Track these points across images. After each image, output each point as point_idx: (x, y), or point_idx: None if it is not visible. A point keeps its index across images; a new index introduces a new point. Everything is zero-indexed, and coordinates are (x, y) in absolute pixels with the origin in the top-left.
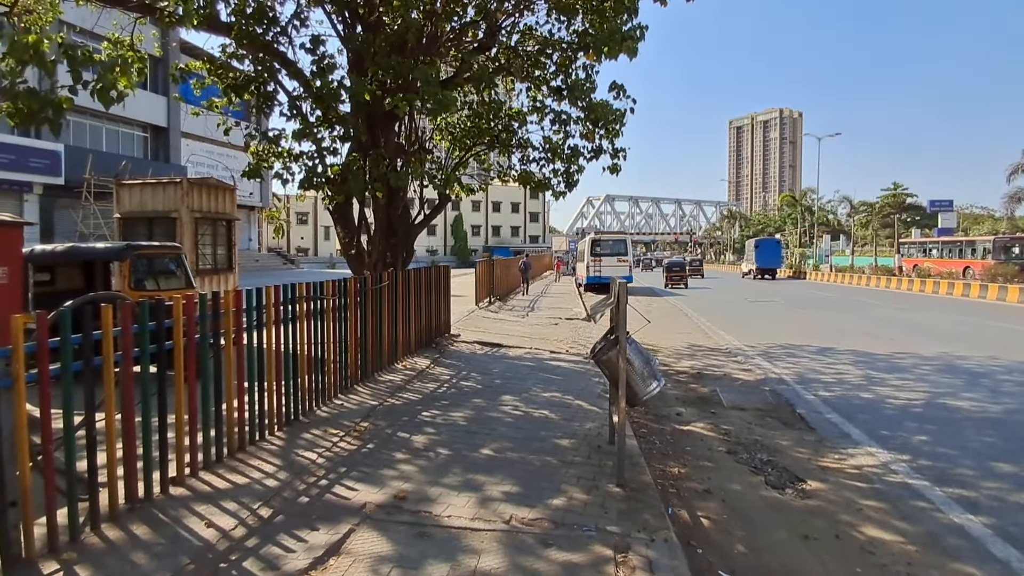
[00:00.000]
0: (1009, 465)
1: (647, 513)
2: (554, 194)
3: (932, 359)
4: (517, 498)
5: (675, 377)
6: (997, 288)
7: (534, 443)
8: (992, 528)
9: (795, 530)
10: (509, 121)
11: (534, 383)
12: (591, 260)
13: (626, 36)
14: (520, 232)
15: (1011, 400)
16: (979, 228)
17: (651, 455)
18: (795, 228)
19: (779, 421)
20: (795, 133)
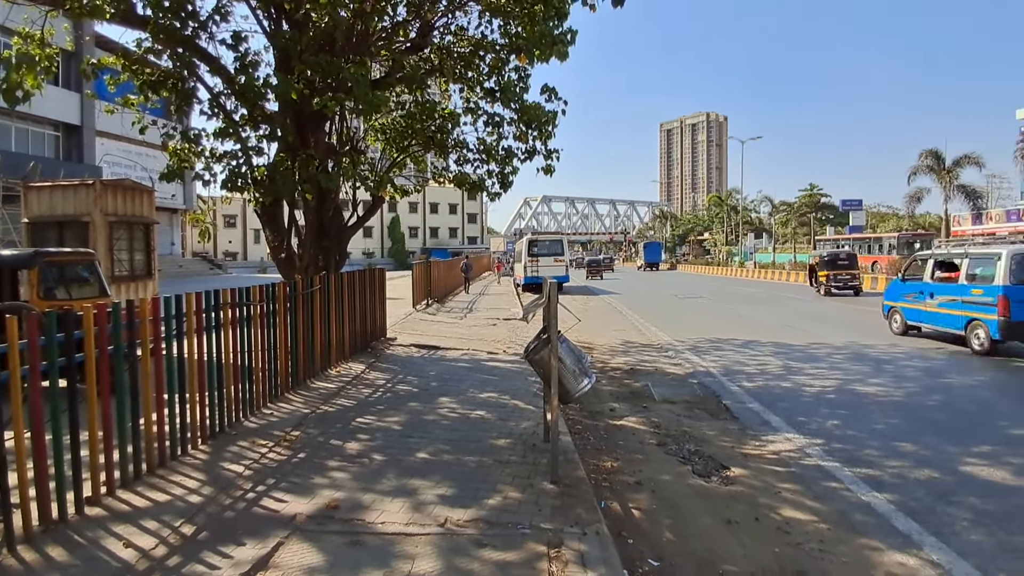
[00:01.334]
0: (910, 444)
1: (580, 508)
2: (489, 195)
3: (843, 348)
4: (452, 500)
5: (609, 373)
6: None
7: (470, 444)
8: (895, 504)
9: (719, 515)
10: (443, 122)
11: (471, 384)
12: (528, 260)
13: (557, 39)
14: (458, 233)
15: (912, 384)
16: (885, 225)
17: (585, 451)
18: (722, 227)
19: (706, 412)
20: (721, 136)
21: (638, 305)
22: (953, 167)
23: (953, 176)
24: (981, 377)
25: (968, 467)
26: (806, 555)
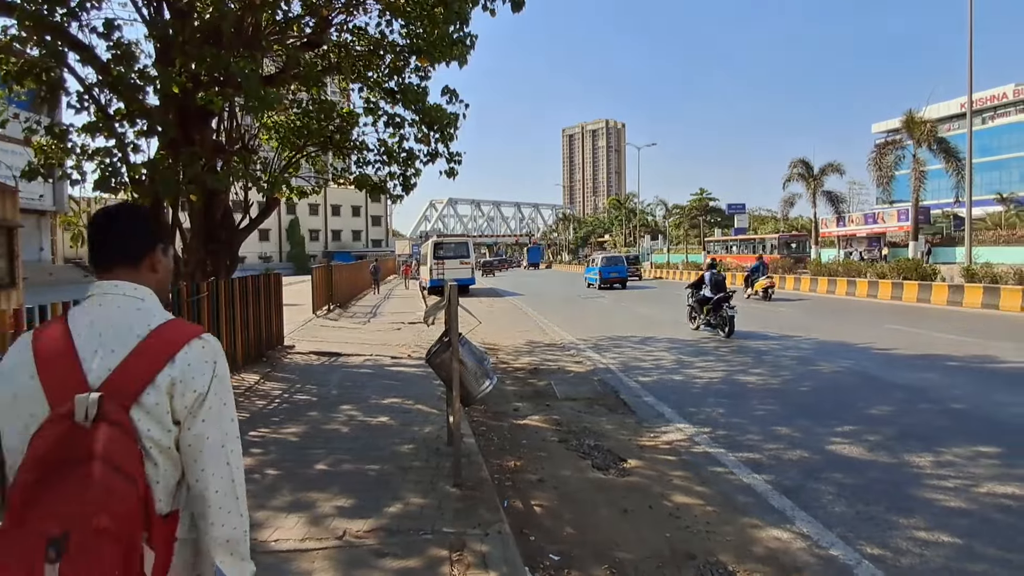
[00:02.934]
0: (785, 428)
1: (483, 508)
2: (391, 197)
3: (727, 341)
4: (352, 511)
5: (514, 374)
6: (778, 279)
7: (371, 452)
8: (772, 484)
9: (616, 506)
10: (342, 122)
11: (373, 391)
12: (434, 263)
13: (456, 42)
14: (362, 236)
15: (787, 372)
16: (764, 227)
17: (489, 451)
18: (621, 229)
19: (605, 407)
20: (619, 142)
21: (542, 306)
22: (819, 175)
23: (819, 183)
24: (845, 362)
25: (833, 446)
26: (694, 537)
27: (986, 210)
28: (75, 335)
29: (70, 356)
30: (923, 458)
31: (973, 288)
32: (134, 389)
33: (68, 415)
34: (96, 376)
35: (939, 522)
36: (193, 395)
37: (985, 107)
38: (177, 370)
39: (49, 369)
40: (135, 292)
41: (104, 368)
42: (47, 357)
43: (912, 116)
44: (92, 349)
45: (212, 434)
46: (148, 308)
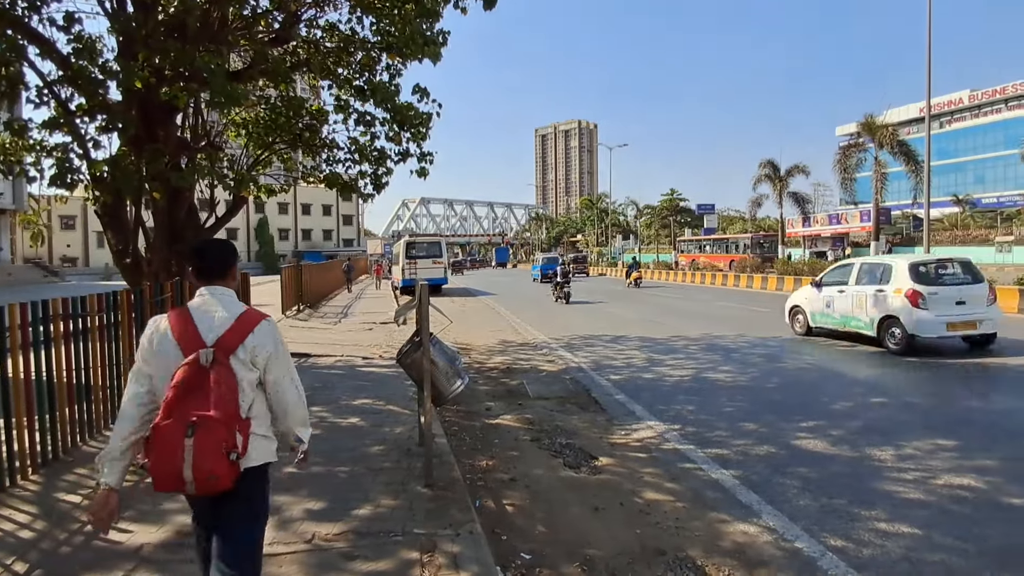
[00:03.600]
0: (752, 424)
1: (454, 509)
2: (362, 196)
3: (698, 339)
4: (321, 514)
5: (487, 373)
6: (746, 277)
7: (341, 454)
8: (739, 479)
9: (587, 504)
10: (312, 119)
11: (344, 392)
12: (406, 263)
13: (429, 40)
14: (333, 236)
15: (755, 370)
16: (733, 227)
17: (461, 451)
18: (593, 229)
19: (577, 406)
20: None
21: (515, 305)
22: (786, 176)
23: (785, 184)
24: (810, 359)
25: (798, 441)
26: (664, 533)
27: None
28: (196, 315)
29: (193, 328)
30: (884, 451)
31: None
32: (232, 347)
33: (195, 361)
34: (211, 339)
35: (899, 513)
36: (266, 353)
37: (943, 111)
38: (256, 338)
39: (182, 334)
40: (229, 294)
41: (215, 335)
42: (180, 327)
43: (871, 120)
44: (205, 322)
45: (283, 374)
46: (234, 300)
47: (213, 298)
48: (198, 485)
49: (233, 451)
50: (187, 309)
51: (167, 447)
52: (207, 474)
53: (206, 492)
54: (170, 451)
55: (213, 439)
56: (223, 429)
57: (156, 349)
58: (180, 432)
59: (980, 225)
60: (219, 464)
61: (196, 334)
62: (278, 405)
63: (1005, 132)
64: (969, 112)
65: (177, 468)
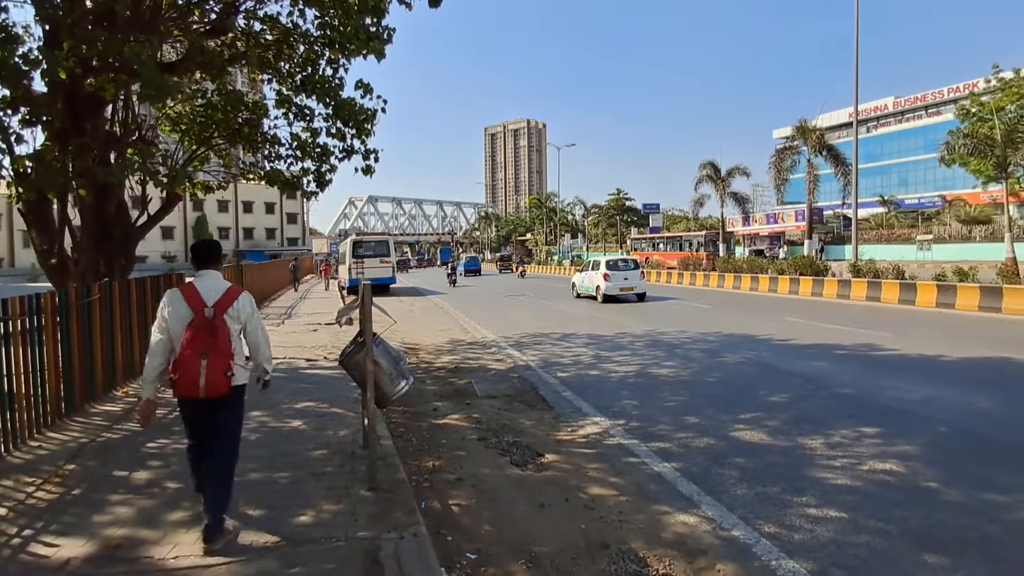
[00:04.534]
0: (693, 417)
1: (399, 511)
2: (304, 194)
3: (642, 336)
4: (260, 522)
5: (435, 373)
6: (689, 274)
7: (282, 459)
8: (680, 471)
9: (533, 501)
10: (250, 114)
11: (286, 395)
12: (353, 262)
13: (373, 36)
14: (277, 234)
15: (696, 365)
16: (677, 226)
17: (407, 452)
18: (542, 228)
19: (525, 404)
20: (541, 142)
21: (464, 305)
22: (727, 176)
23: (727, 184)
24: (749, 353)
25: (736, 432)
26: (608, 527)
27: (871, 211)
28: (199, 287)
29: (199, 295)
30: (815, 440)
31: (859, 283)
32: (225, 308)
33: (202, 315)
34: (211, 302)
35: (828, 499)
36: (246, 313)
37: (870, 117)
38: (239, 303)
39: (192, 299)
40: (219, 276)
41: (213, 300)
42: (189, 296)
43: (805, 124)
44: (206, 293)
45: (256, 326)
46: (222, 280)
47: (208, 278)
48: (208, 390)
49: (228, 371)
50: (193, 284)
51: (190, 367)
52: (214, 383)
53: (210, 395)
54: (192, 369)
55: (218, 363)
56: (223, 358)
57: (173, 309)
58: (198, 358)
59: (903, 225)
60: (221, 378)
61: (200, 299)
62: (252, 346)
63: (925, 137)
64: (894, 118)
65: (196, 380)
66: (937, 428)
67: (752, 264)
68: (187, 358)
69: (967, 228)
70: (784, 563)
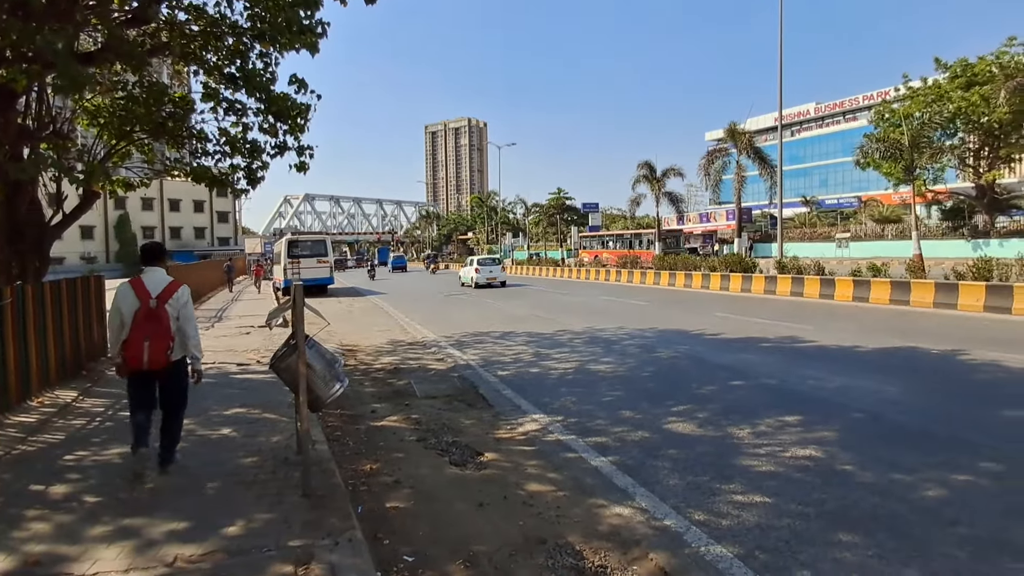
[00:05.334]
0: (630, 412)
1: (334, 517)
2: (235, 192)
3: (581, 333)
4: (186, 535)
5: (373, 374)
6: (627, 272)
7: (210, 468)
8: (616, 464)
9: (472, 500)
10: (175, 108)
11: (215, 401)
12: (288, 262)
13: (305, 29)
14: (206, 234)
15: (633, 360)
16: (615, 225)
17: (344, 456)
18: (484, 226)
19: (465, 403)
20: (482, 140)
21: (405, 304)
22: (662, 177)
23: (662, 184)
24: (682, 347)
25: (669, 425)
26: (546, 522)
27: (795, 211)
28: (145, 282)
29: (145, 288)
30: (742, 430)
31: (784, 279)
32: (167, 298)
33: (147, 305)
34: (155, 293)
35: (753, 485)
36: (181, 303)
37: (794, 121)
38: (178, 295)
39: (139, 292)
40: (163, 272)
41: (157, 292)
42: (138, 288)
43: (734, 127)
44: (151, 286)
45: (188, 316)
46: (165, 275)
47: (153, 273)
48: (150, 364)
49: (168, 350)
50: (140, 278)
51: (135, 347)
52: (155, 360)
53: (152, 368)
54: (137, 348)
55: (159, 344)
56: (164, 339)
57: (125, 299)
58: (142, 340)
59: (824, 224)
60: (161, 356)
61: (147, 291)
62: (183, 333)
63: (843, 141)
64: (815, 123)
65: (140, 356)
66: (852, 415)
67: (686, 262)
68: (133, 340)
69: (881, 227)
70: (712, 549)
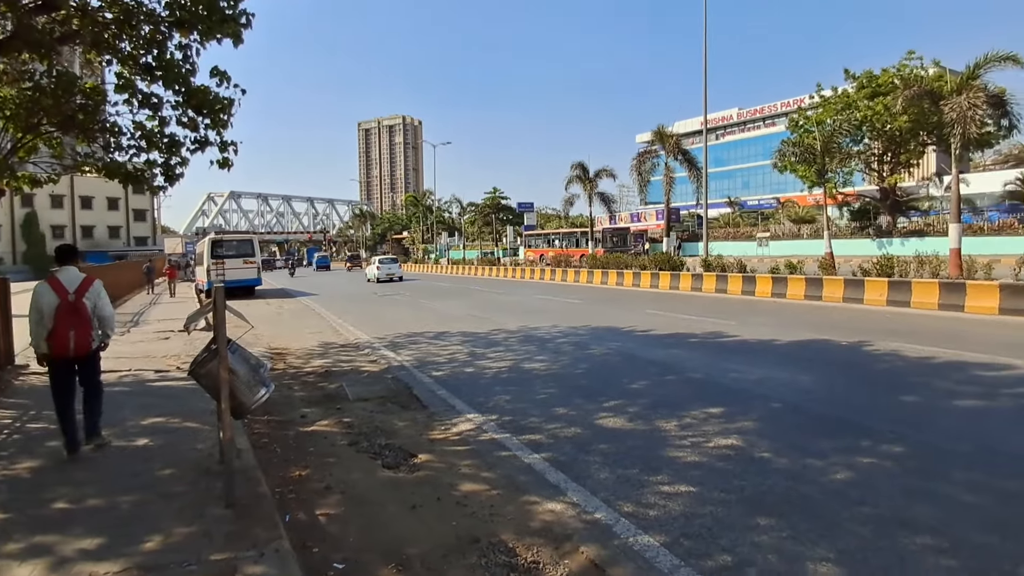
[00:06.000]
0: (563, 408)
1: (259, 527)
2: (152, 189)
3: (516, 332)
4: (100, 552)
5: (303, 378)
6: (561, 271)
7: (126, 481)
8: (549, 461)
9: (405, 503)
10: (86, 99)
11: (132, 411)
12: (212, 263)
13: (228, 18)
14: (122, 233)
15: (566, 357)
16: (550, 224)
17: (271, 464)
18: (419, 226)
19: (399, 405)
20: (416, 139)
21: (337, 306)
22: (595, 177)
23: (594, 185)
24: (614, 344)
25: (601, 420)
26: (479, 521)
27: (720, 211)
28: (61, 279)
29: (62, 285)
30: (670, 423)
31: (709, 276)
32: (83, 293)
33: (66, 300)
34: (72, 289)
35: (679, 476)
36: (98, 295)
37: (718, 126)
38: (93, 289)
39: (57, 289)
40: (76, 270)
41: (73, 288)
42: (55, 286)
43: (662, 130)
44: (67, 283)
45: (104, 305)
46: (79, 273)
47: (67, 271)
48: (76, 351)
49: (91, 338)
50: (56, 276)
51: (62, 337)
52: (80, 346)
53: (78, 354)
54: (63, 338)
55: (82, 332)
56: (86, 328)
57: (44, 297)
58: (67, 331)
59: (747, 224)
60: (85, 342)
61: (64, 288)
62: (101, 320)
63: (763, 145)
64: (738, 127)
65: (67, 344)
66: (771, 404)
67: (618, 260)
68: (59, 332)
69: (797, 227)
70: (640, 539)
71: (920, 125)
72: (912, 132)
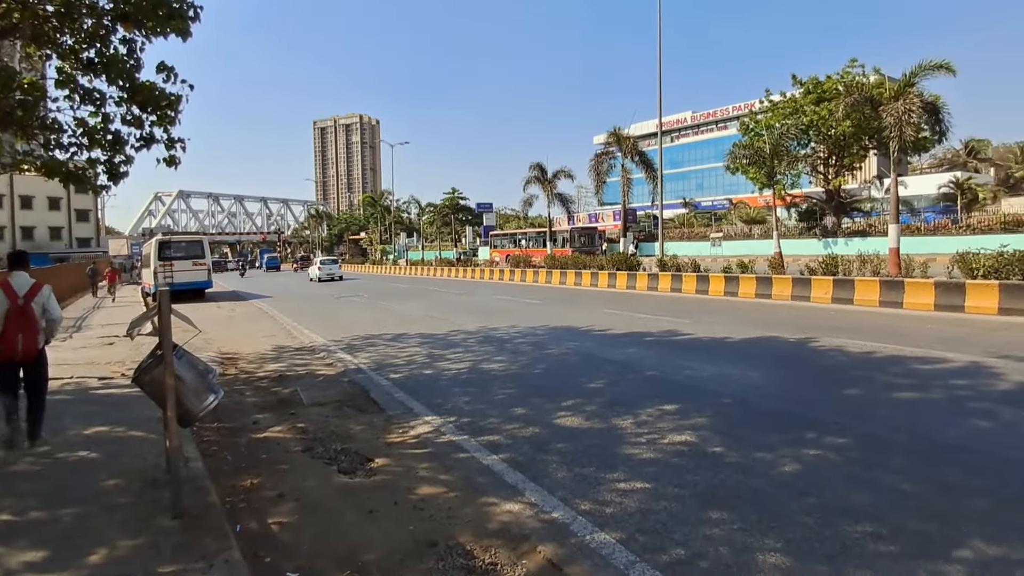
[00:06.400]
0: (521, 408)
1: (209, 538)
2: (93, 188)
3: (475, 333)
4: (42, 567)
5: (256, 383)
6: (520, 272)
7: (68, 493)
8: (507, 461)
9: (362, 508)
10: (24, 95)
11: (74, 420)
12: (160, 265)
13: (175, 13)
14: (64, 234)
15: (524, 358)
16: (509, 225)
17: (221, 473)
18: (377, 226)
19: (355, 409)
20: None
21: (291, 308)
22: (553, 178)
23: (553, 185)
24: (572, 344)
25: (559, 419)
26: (437, 524)
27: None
28: (13, 283)
29: (13, 289)
30: (626, 420)
31: (664, 276)
32: (32, 297)
33: (16, 303)
34: (22, 293)
35: (635, 472)
36: (47, 298)
37: (673, 128)
38: (42, 294)
39: (8, 293)
40: (26, 275)
41: (23, 292)
42: (6, 289)
43: (619, 132)
44: (18, 288)
45: (53, 308)
46: (29, 278)
47: (19, 276)
48: (24, 354)
49: (37, 341)
50: (7, 280)
51: (10, 340)
52: (28, 349)
53: (26, 357)
54: (12, 340)
55: (30, 335)
56: (33, 331)
57: None
58: (16, 334)
59: (701, 224)
60: (33, 345)
61: (15, 292)
62: (50, 322)
63: (716, 148)
64: (692, 130)
65: (15, 347)
66: (722, 400)
67: (576, 260)
68: (8, 334)
69: (748, 227)
70: (597, 536)
71: (862, 130)
72: (855, 136)
